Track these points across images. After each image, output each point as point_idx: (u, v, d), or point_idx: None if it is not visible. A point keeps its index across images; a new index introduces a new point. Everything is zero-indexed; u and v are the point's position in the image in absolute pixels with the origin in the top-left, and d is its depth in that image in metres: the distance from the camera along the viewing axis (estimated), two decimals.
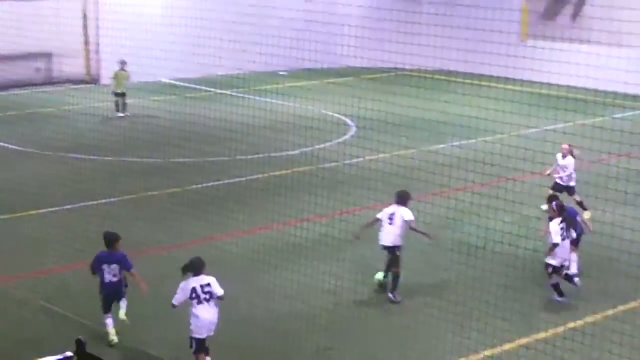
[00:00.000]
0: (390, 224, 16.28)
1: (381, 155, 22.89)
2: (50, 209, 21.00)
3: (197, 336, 13.19)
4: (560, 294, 16.34)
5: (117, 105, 31.15)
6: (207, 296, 13.14)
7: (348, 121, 28.26)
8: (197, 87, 35.20)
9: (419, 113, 23.72)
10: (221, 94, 31.68)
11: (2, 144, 27.35)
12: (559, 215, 16.28)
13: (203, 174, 23.94)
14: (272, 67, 24.96)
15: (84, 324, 15.01)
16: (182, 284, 13.22)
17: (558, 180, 20.92)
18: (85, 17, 37.74)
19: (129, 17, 30.32)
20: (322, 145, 25.20)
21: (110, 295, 14.40)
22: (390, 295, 16.34)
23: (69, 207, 21.16)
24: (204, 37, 25.00)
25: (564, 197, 19.16)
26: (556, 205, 16.51)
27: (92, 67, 37.98)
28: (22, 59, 35.76)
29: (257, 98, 32.07)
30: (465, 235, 18.91)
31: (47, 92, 35.10)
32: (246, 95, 32.69)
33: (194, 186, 22.95)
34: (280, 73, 27.47)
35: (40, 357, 9.25)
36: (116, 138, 26.89)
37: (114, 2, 34.61)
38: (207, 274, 13.25)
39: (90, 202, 21.38)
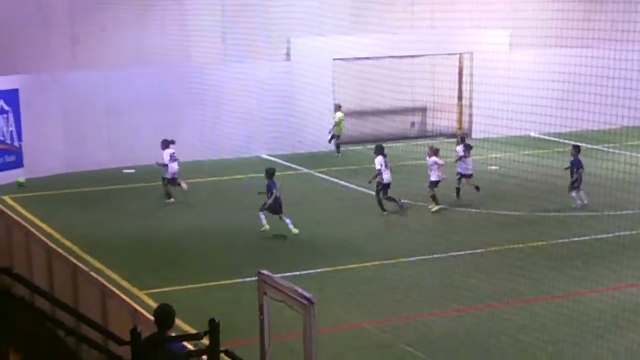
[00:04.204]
0: None
1: None
2: (418, 257, 21.74)
3: None
4: None
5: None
6: None
7: None
8: (566, 141, 34.95)
9: None
10: (591, 148, 31.31)
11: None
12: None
13: (569, 228, 23.76)
14: None
15: None
16: None
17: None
18: (460, 72, 38.88)
19: (500, 72, 30.85)
20: None
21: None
22: None
23: (437, 255, 21.84)
24: (572, 92, 24.95)
25: None
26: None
27: (464, 122, 38.97)
28: (399, 114, 37.49)
29: (628, 153, 31.33)
30: None
31: (419, 145, 36.44)
32: (617, 151, 32.07)
33: (559, 240, 22.85)
34: None
35: None
36: (485, 192, 27.37)
37: (488, 58, 35.38)
38: None
39: (457, 253, 21.96)
